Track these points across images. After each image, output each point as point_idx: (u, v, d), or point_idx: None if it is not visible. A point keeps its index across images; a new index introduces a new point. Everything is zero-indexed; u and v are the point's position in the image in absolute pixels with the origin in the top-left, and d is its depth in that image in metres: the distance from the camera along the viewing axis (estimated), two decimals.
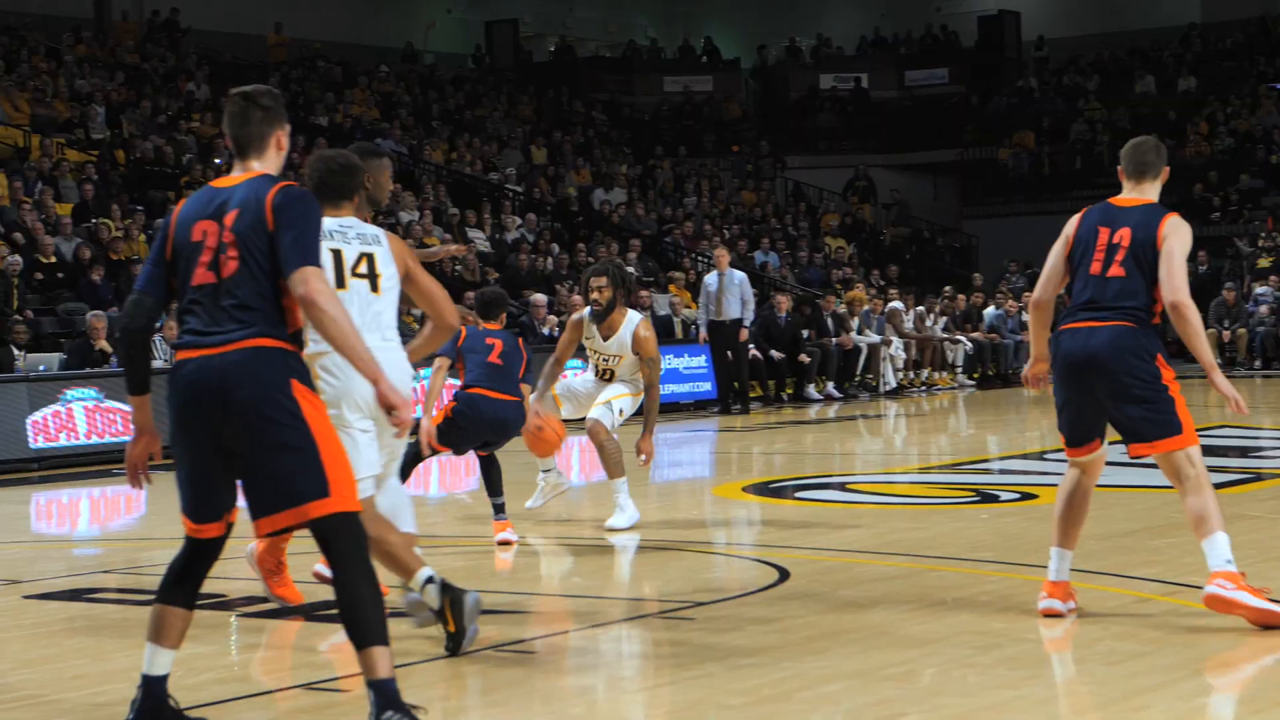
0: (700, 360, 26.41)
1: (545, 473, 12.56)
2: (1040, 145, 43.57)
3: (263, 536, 6.31)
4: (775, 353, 27.15)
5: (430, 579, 7.65)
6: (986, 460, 17.68)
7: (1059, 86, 45.72)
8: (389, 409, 6.10)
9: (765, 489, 15.46)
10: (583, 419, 12.41)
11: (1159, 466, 8.40)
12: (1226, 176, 40.25)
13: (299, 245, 6.14)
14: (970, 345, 30.97)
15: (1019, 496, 13.78)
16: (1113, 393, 8.27)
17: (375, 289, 7.88)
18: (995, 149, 43.89)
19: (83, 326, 21.27)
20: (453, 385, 11.68)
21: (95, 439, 19.25)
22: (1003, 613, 8.56)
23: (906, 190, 43.66)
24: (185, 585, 6.38)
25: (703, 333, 25.48)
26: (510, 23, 46.69)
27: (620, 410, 12.31)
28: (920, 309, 30.92)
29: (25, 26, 34.45)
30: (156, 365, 14.99)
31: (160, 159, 29.06)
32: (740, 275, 25.40)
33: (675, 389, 26.15)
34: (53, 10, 36.34)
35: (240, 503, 6.30)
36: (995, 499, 13.80)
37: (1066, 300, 8.62)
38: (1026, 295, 8.68)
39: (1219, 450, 17.58)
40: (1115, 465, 14.49)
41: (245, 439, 6.10)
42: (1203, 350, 8.30)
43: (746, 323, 25.14)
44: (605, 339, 12.26)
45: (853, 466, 18.13)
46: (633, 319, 12.24)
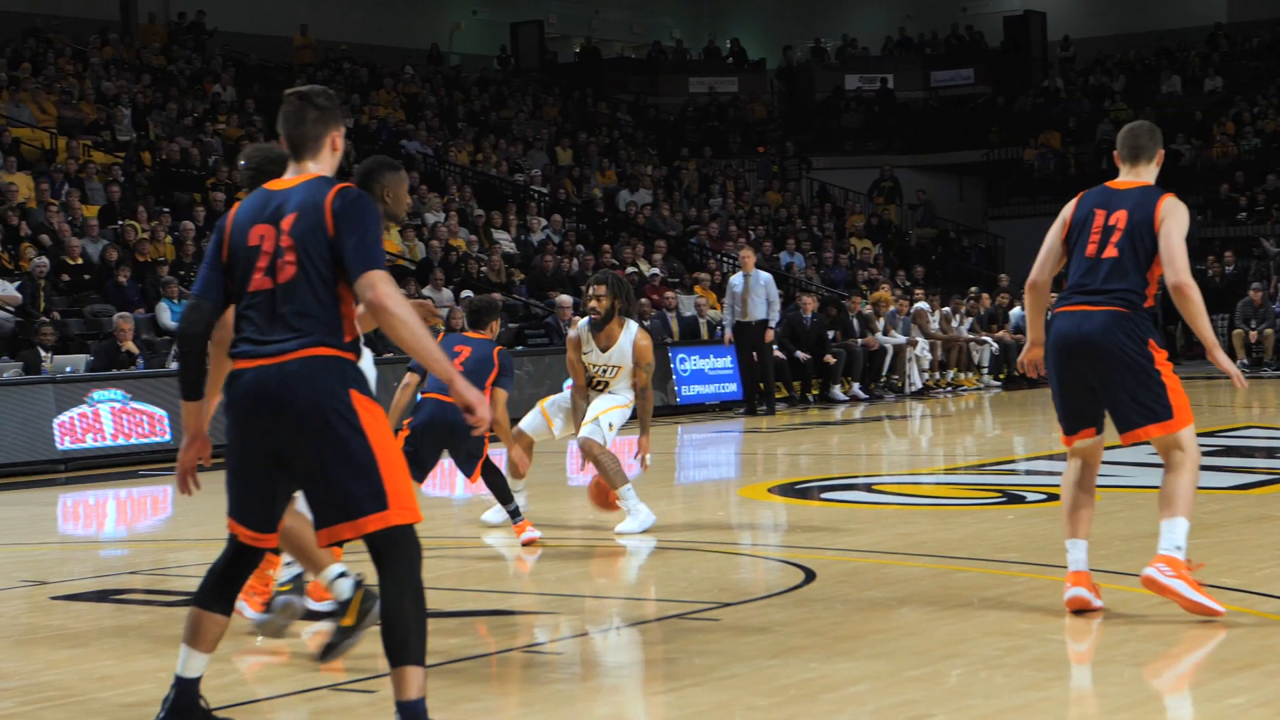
0: (726, 361, 26.40)
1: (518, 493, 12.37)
2: (1066, 145, 43.49)
3: (322, 548, 6.26)
4: (801, 354, 27.12)
5: (343, 574, 7.42)
6: (1012, 461, 17.66)
7: (1085, 87, 45.63)
8: (466, 408, 5.98)
9: (791, 490, 15.45)
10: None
11: (1155, 449, 8.44)
12: (1253, 177, 40.15)
13: (363, 248, 6.02)
14: (996, 346, 30.92)
15: (1045, 498, 13.76)
16: (1105, 378, 8.31)
17: None
18: (1021, 149, 43.82)
19: (109, 328, 21.33)
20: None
21: (122, 440, 19.30)
22: (1029, 614, 8.55)
23: (932, 191, 43.60)
24: (225, 590, 6.31)
25: (728, 334, 25.46)
26: (535, 24, 46.73)
27: (610, 424, 12.19)
28: (946, 310, 30.87)
29: (52, 29, 34.56)
30: None
31: (186, 161, 29.13)
32: (766, 276, 25.38)
33: (700, 390, 26.16)
34: (80, 13, 36.47)
35: None
36: (1021, 500, 13.78)
37: (1064, 285, 8.67)
38: (1053, 296, 8.66)
39: (1245, 451, 17.54)
40: (1141, 465, 14.49)
41: (303, 450, 6.00)
42: (1204, 329, 8.34)
43: (772, 324, 25.12)
44: (604, 349, 12.16)
45: (878, 467, 18.10)
46: (631, 328, 12.20)
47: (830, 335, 27.92)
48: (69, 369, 20.13)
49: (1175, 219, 8.32)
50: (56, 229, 24.24)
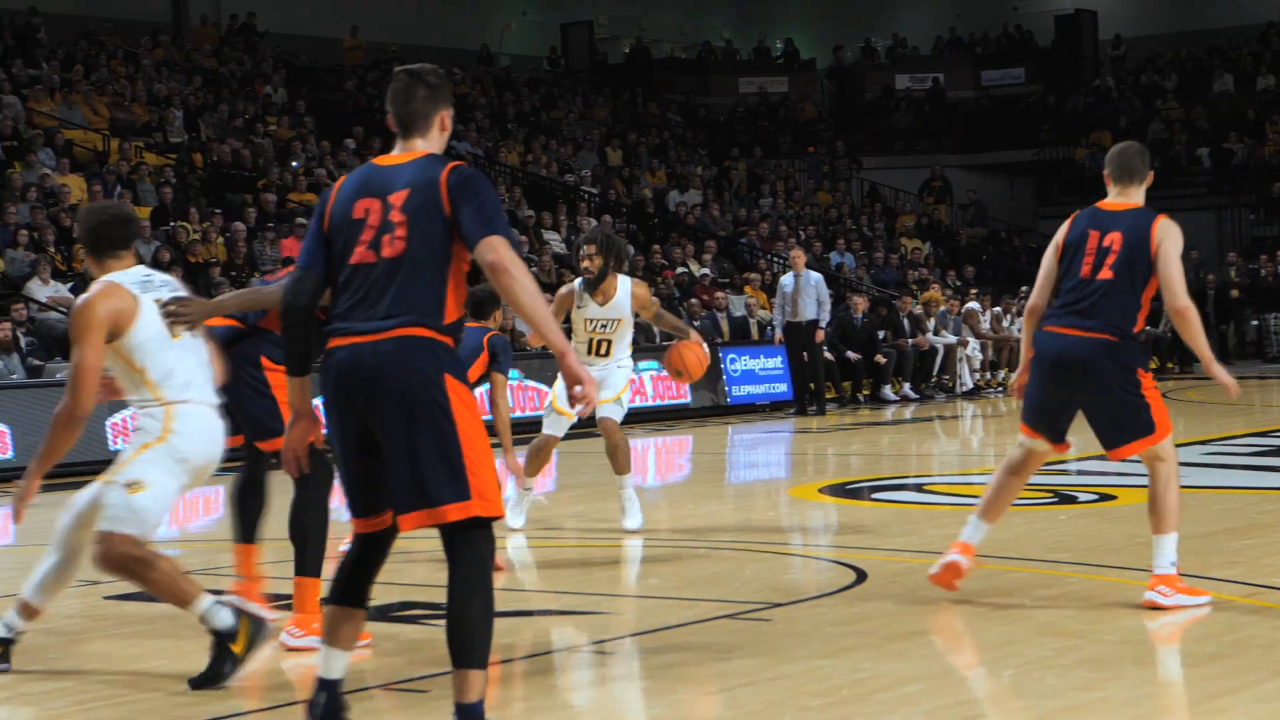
0: (776, 361, 26.37)
1: (527, 491, 12.26)
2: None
3: (402, 533, 6.13)
4: (851, 354, 27.07)
5: (216, 603, 7.35)
6: (1064, 461, 17.58)
7: (1136, 86, 45.42)
8: (574, 382, 5.83)
9: (842, 490, 15.42)
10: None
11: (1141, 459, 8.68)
12: None
13: (482, 214, 5.91)
14: None
15: (1097, 498, 13.69)
16: (1091, 401, 8.49)
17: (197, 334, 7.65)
18: (1072, 149, 43.61)
19: None
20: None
21: None
22: (1082, 613, 8.51)
23: (982, 190, 43.45)
24: (358, 583, 6.18)
25: (778, 334, 25.42)
26: (585, 24, 46.77)
27: (623, 401, 12.25)
28: (997, 309, 30.77)
29: (104, 31, 34.73)
30: None
31: (238, 162, 29.25)
32: (816, 276, 25.34)
33: (751, 390, 26.14)
34: (131, 15, 36.64)
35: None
36: (1073, 500, 13.72)
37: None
38: None
39: None
40: (1194, 466, 14.40)
41: (391, 432, 5.88)
42: (1203, 348, 8.50)
43: (823, 324, 25.08)
44: (601, 304, 12.11)
45: (929, 468, 18.06)
46: (626, 280, 12.14)
47: (881, 335, 27.86)
48: None
49: (1172, 241, 8.49)
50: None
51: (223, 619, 7.31)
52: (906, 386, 27.77)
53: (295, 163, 30.21)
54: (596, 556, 11.35)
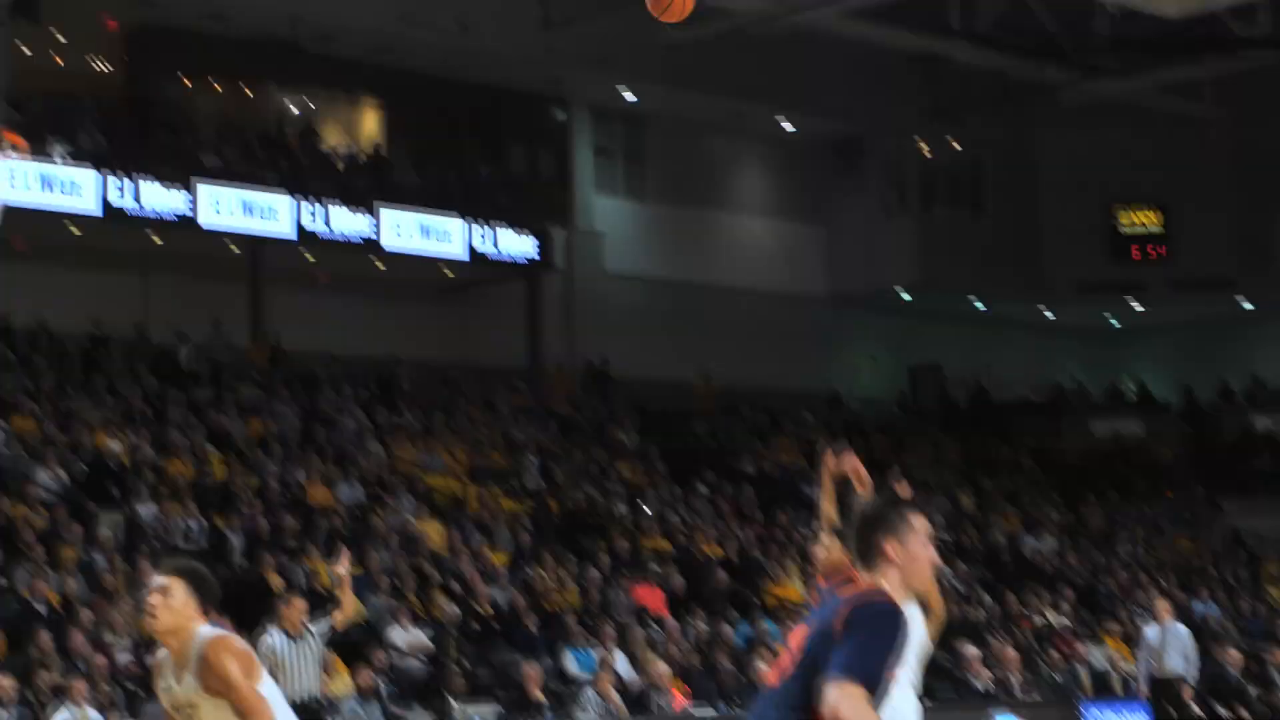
0: (1140, 718, 25.31)
1: None
2: None
3: None
4: (1223, 710, 25.86)
5: None
6: None
7: None
8: None
9: None
10: None
11: None
12: None
13: (848, 654, 5.36)
14: None
15: None
16: None
17: None
18: None
19: (518, 676, 21.41)
20: None
21: None
22: None
23: None
24: None
25: (1143, 688, 24.43)
26: (934, 367, 46.66)
27: None
28: None
29: (463, 377, 35.68)
30: None
31: (591, 508, 29.46)
32: (1184, 629, 24.37)
33: None
34: (490, 361, 37.53)
35: None
36: None
37: None
38: None
39: None
40: None
41: None
42: None
43: (1191, 680, 24.03)
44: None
45: None
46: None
47: (1253, 691, 26.62)
48: (476, 718, 20.22)
49: None
50: (467, 576, 24.62)
51: None
52: None
53: (647, 508, 30.33)
54: None
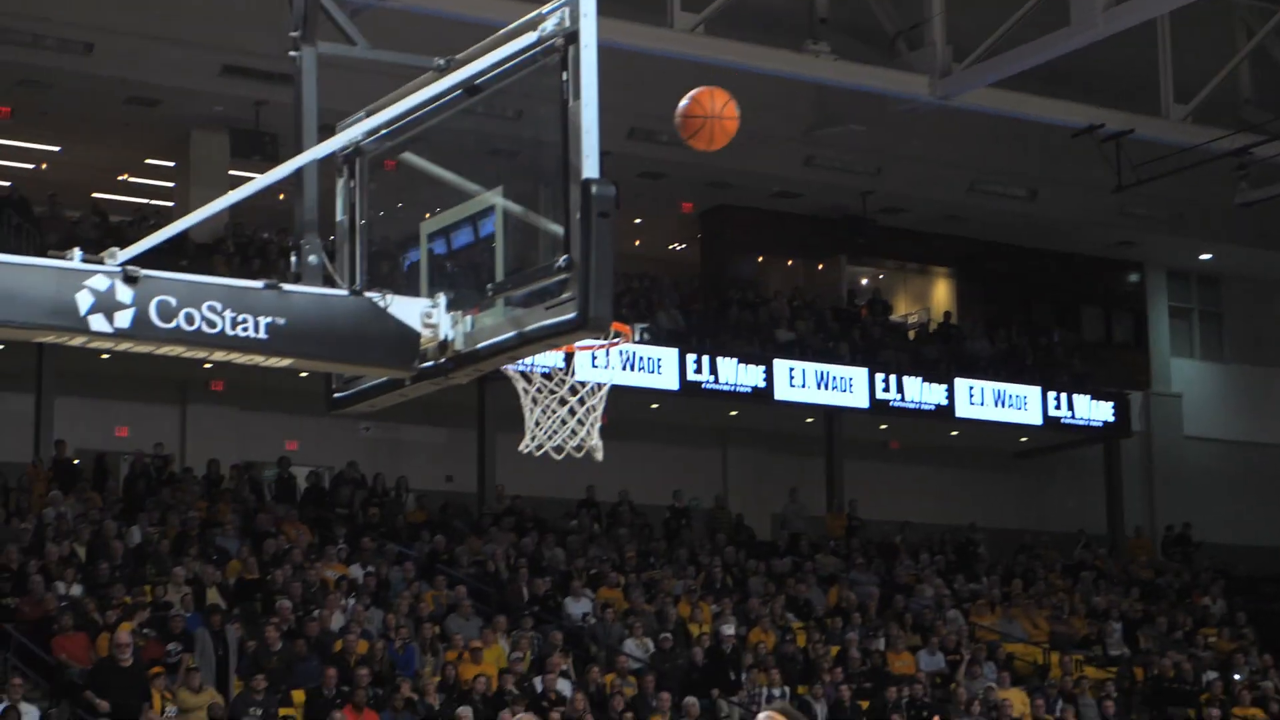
0: None
1: None
2: None
3: None
4: None
5: None
6: None
7: None
8: None
9: None
10: None
11: None
12: None
13: None
14: None
15: None
16: None
17: None
18: None
19: None
20: None
21: None
22: None
23: None
24: None
25: None
26: None
27: None
28: None
29: (1041, 544, 35.42)
30: None
31: (1179, 675, 28.70)
32: None
33: None
34: (1065, 527, 37.09)
35: None
36: None
37: None
38: None
39: None
40: None
41: None
42: None
43: None
44: None
45: None
46: None
47: None
48: None
49: None
50: None
51: None
52: None
53: (1238, 675, 29.36)
54: None
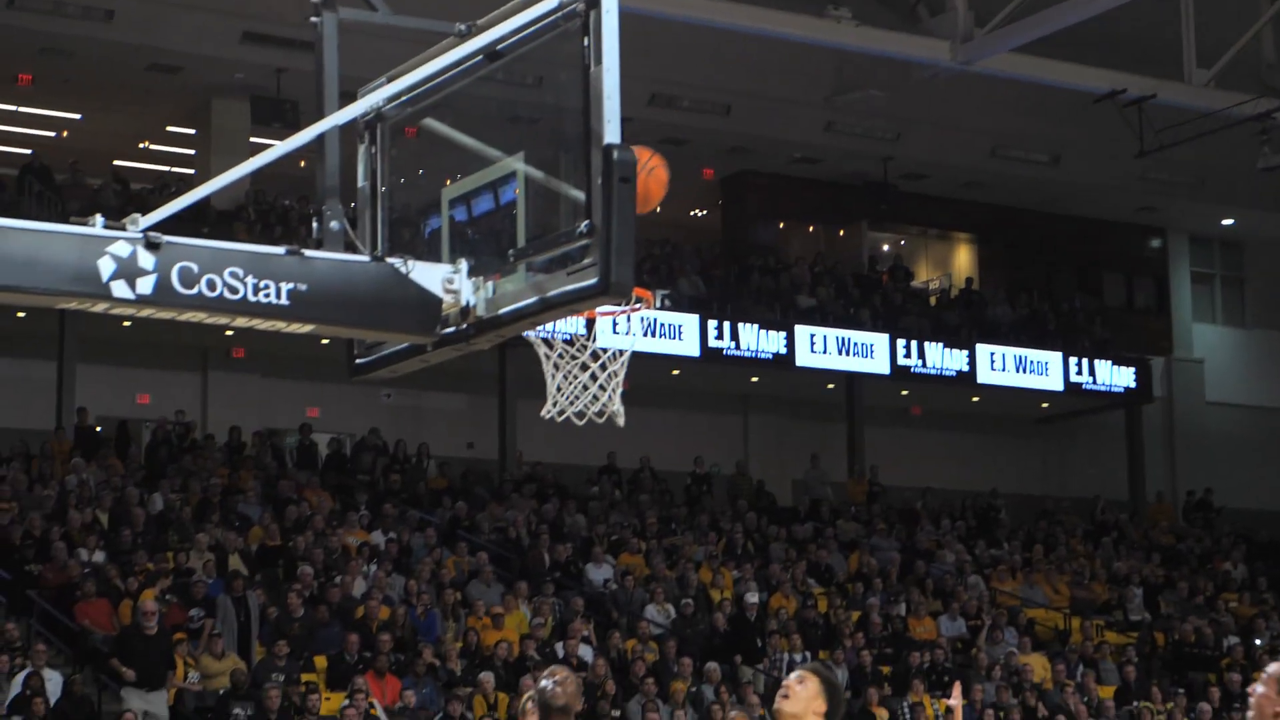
0: None
1: None
2: None
3: None
4: None
5: None
6: None
7: None
8: None
9: None
10: None
11: None
12: None
13: None
14: None
15: None
16: None
17: None
18: None
19: None
20: None
21: None
22: None
23: None
24: None
25: None
26: None
27: None
28: None
29: (1062, 509, 35.46)
30: None
31: (1200, 640, 28.76)
32: None
33: None
34: (1087, 491, 37.10)
35: None
36: None
37: None
38: None
39: None
40: None
41: None
42: None
43: None
44: None
45: None
46: None
47: None
48: None
49: None
50: (1073, 709, 24.40)
51: None
52: None
53: (1259, 640, 29.41)
54: None
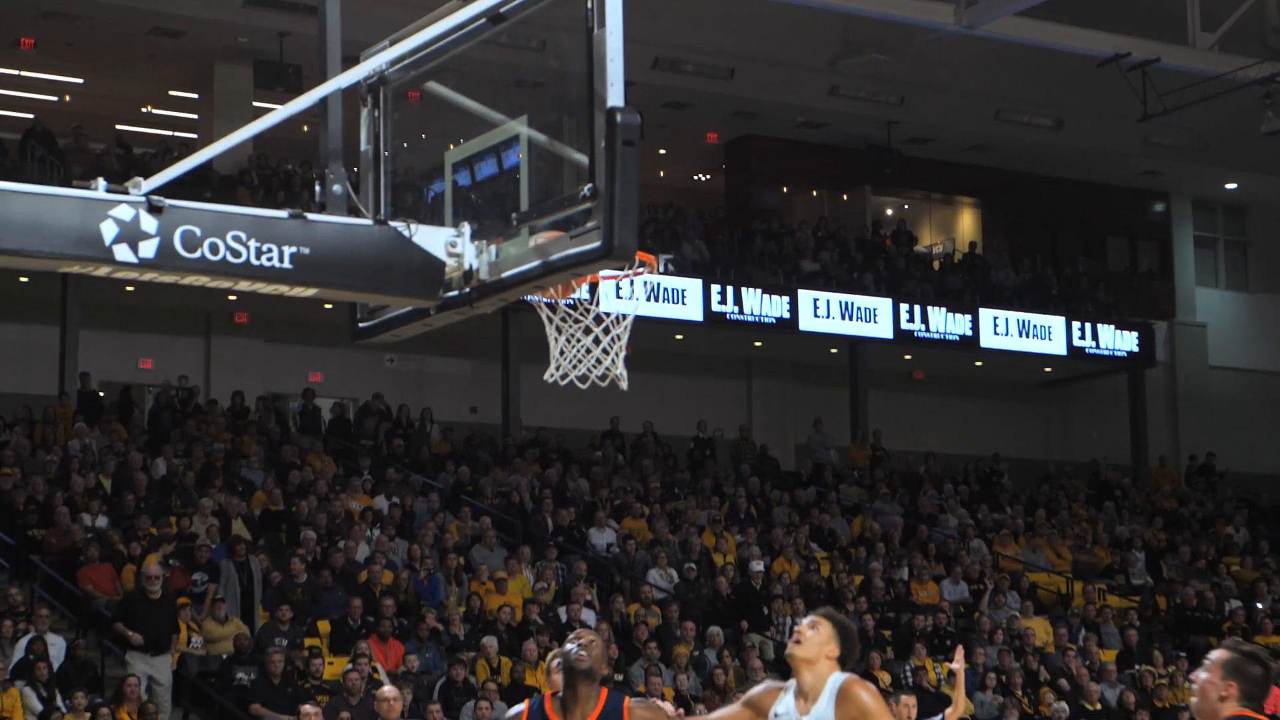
0: None
1: None
2: None
3: None
4: None
5: None
6: None
7: None
8: None
9: None
10: None
11: None
12: None
13: None
14: None
15: None
16: None
17: None
18: None
19: None
20: None
21: None
22: None
23: None
24: None
25: None
26: None
27: None
28: None
29: (1065, 474, 35.52)
30: None
31: (1202, 604, 28.82)
32: None
33: None
34: (1092, 457, 37.15)
35: None
36: None
37: None
38: None
39: None
40: None
41: None
42: None
43: None
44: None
45: None
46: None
47: None
48: None
49: None
50: (1075, 673, 24.48)
51: None
52: None
53: (1260, 604, 29.49)
54: None
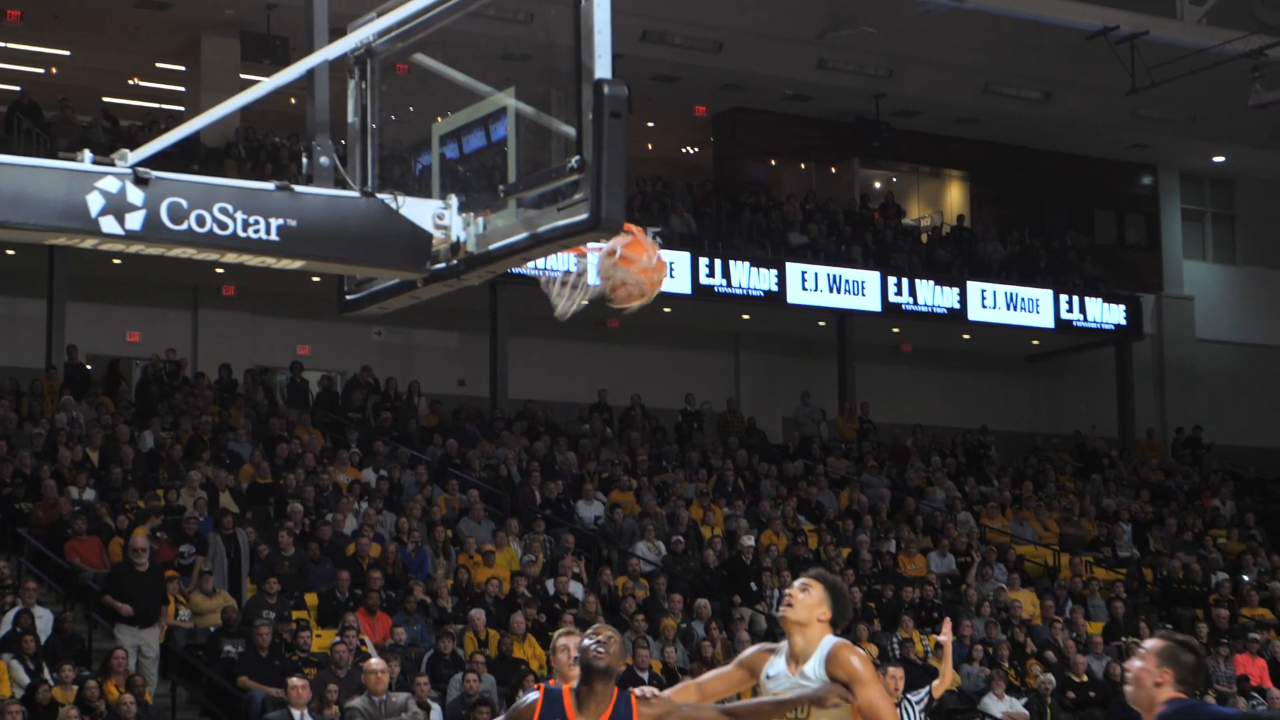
0: None
1: None
2: None
3: None
4: None
5: None
6: None
7: None
8: None
9: None
10: None
11: None
12: None
13: None
14: None
15: None
16: None
17: None
18: None
19: None
20: None
21: None
22: None
23: None
24: None
25: None
26: None
27: None
28: None
29: (1051, 447, 35.59)
30: None
31: (1188, 577, 28.90)
32: None
33: None
34: (1069, 427, 37.22)
35: None
36: None
37: None
38: None
39: None
40: None
41: None
42: None
43: None
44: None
45: None
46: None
47: None
48: None
49: None
50: (1061, 645, 24.55)
51: None
52: None
53: (1246, 576, 29.57)
54: None
